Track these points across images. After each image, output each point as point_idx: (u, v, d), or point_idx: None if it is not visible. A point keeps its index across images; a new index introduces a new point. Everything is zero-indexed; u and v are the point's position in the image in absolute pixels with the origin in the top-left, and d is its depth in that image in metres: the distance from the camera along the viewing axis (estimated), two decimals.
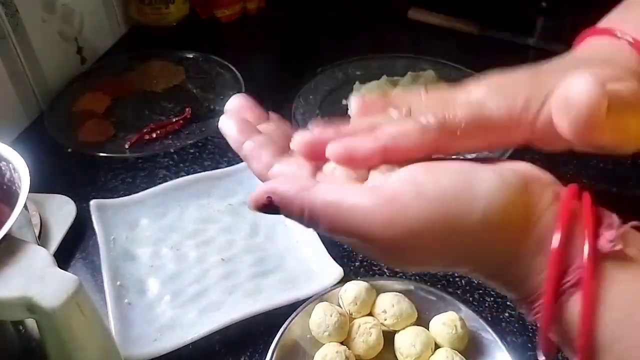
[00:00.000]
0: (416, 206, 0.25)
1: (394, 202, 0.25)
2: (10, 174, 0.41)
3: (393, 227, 0.25)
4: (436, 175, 0.26)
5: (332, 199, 0.26)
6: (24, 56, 0.77)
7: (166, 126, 0.77)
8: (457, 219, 0.25)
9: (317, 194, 0.27)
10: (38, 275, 0.35)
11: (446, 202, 0.25)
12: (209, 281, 0.56)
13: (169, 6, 0.97)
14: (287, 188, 0.27)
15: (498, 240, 0.26)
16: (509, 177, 0.26)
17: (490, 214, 0.25)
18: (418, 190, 0.26)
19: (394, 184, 0.27)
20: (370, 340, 0.48)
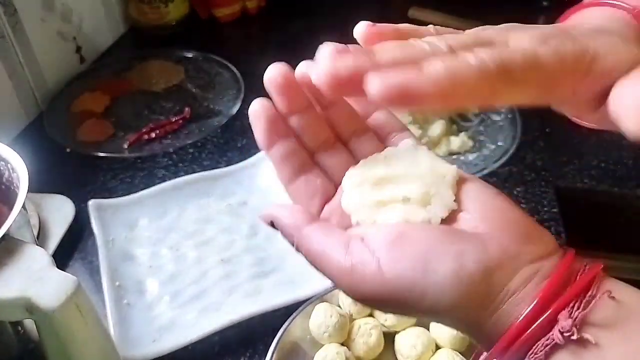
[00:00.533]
0: (372, 285, 0.27)
1: (356, 273, 0.27)
2: (9, 174, 0.41)
3: (354, 292, 0.28)
4: (396, 255, 0.27)
5: (314, 249, 0.28)
6: (23, 56, 0.77)
7: (165, 126, 0.77)
8: (406, 305, 0.27)
9: (305, 237, 0.29)
10: (37, 275, 0.35)
11: (398, 288, 0.26)
12: (208, 282, 0.56)
13: (168, 5, 0.97)
14: (286, 222, 0.29)
15: (450, 322, 0.28)
16: (469, 270, 0.26)
17: (437, 307, 0.26)
18: (377, 269, 0.27)
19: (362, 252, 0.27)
20: (371, 341, 0.48)
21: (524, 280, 0.26)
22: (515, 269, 0.26)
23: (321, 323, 0.48)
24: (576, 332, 0.24)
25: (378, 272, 0.26)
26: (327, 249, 0.28)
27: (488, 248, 0.27)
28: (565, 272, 0.26)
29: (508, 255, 0.26)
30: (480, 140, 0.71)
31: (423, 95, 0.24)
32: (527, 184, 0.67)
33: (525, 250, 0.27)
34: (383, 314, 0.49)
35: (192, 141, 0.75)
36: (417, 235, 0.27)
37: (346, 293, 0.28)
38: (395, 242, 0.27)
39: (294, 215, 0.30)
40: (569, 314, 0.25)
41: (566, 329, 0.24)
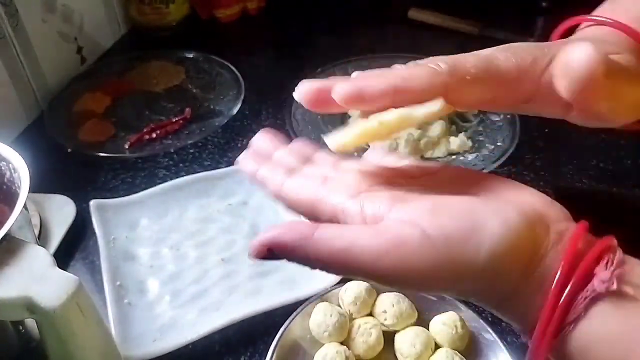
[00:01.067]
0: (422, 253, 0.26)
1: (400, 247, 0.26)
2: (10, 174, 0.41)
3: (401, 271, 0.26)
4: (440, 219, 0.26)
5: (339, 247, 0.26)
6: (24, 56, 0.77)
7: (166, 126, 0.77)
8: (461, 265, 0.26)
9: (320, 241, 0.26)
10: (38, 275, 0.35)
11: (450, 250, 0.26)
12: (209, 281, 0.56)
13: (169, 6, 0.97)
14: (289, 238, 0.27)
15: (500, 281, 0.27)
16: (513, 222, 0.26)
17: (493, 260, 0.26)
18: (422, 236, 0.26)
19: (398, 226, 0.26)
20: (371, 341, 0.48)
21: (559, 235, 0.27)
22: (549, 225, 0.27)
23: (321, 322, 0.48)
24: (615, 282, 0.25)
25: (425, 239, 0.26)
26: (353, 239, 0.26)
27: (521, 205, 0.28)
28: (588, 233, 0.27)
29: (539, 213, 0.28)
30: (480, 140, 0.71)
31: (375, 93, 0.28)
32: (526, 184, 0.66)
33: (551, 211, 0.28)
34: (383, 313, 0.49)
35: (193, 141, 0.75)
36: (453, 200, 0.28)
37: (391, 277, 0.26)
38: (434, 209, 0.27)
39: (295, 227, 0.27)
40: (606, 268, 0.25)
41: (606, 278, 0.25)
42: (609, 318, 0.25)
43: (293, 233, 0.27)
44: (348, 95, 0.28)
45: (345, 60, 0.85)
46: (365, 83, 0.29)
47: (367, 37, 0.97)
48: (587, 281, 0.25)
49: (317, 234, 0.27)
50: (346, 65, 0.84)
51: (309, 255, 0.26)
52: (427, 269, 0.26)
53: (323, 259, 0.26)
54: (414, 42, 0.98)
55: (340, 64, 0.85)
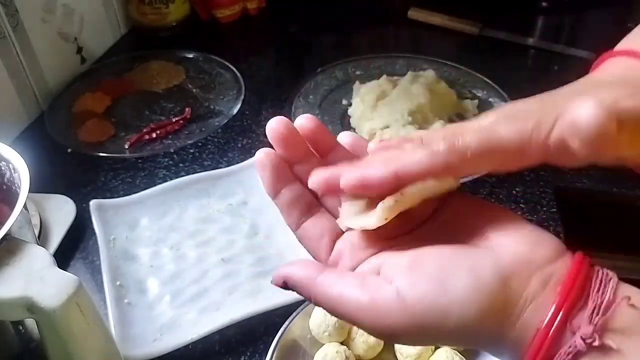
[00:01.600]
0: (395, 315, 0.27)
1: (377, 307, 0.27)
2: (10, 174, 0.41)
3: (377, 327, 0.28)
4: (413, 278, 0.27)
5: (331, 295, 0.29)
6: (24, 56, 0.77)
7: (166, 126, 0.77)
8: (431, 328, 0.27)
9: (320, 285, 0.29)
10: (38, 275, 0.35)
11: (420, 312, 0.26)
12: (209, 281, 0.56)
13: (169, 6, 0.97)
14: (298, 278, 0.30)
15: (475, 341, 0.28)
16: (485, 280, 0.26)
17: (463, 323, 0.26)
18: (397, 296, 0.27)
19: (379, 284, 0.28)
20: (370, 341, 0.48)
21: (541, 285, 0.26)
22: (530, 275, 0.27)
23: (321, 322, 0.48)
24: (598, 338, 0.24)
25: (398, 300, 0.27)
26: (344, 290, 0.28)
27: (501, 257, 0.27)
28: (579, 274, 0.26)
29: (521, 261, 0.27)
30: None
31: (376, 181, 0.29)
32: (526, 184, 0.67)
33: (537, 255, 0.27)
34: None
35: (193, 141, 0.75)
36: (429, 257, 0.28)
37: (370, 331, 0.28)
38: (410, 267, 0.28)
39: (305, 268, 0.30)
40: (589, 320, 0.25)
41: (588, 335, 0.24)
42: None
43: (302, 273, 0.30)
44: (353, 185, 0.29)
45: (345, 60, 0.85)
46: (368, 172, 0.29)
47: (367, 36, 0.97)
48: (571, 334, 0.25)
49: (319, 280, 0.29)
50: (346, 65, 0.84)
51: (310, 295, 0.30)
52: (399, 328, 0.27)
53: (319, 302, 0.29)
54: (414, 41, 0.98)
55: (340, 63, 0.85)
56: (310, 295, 0.30)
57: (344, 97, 0.80)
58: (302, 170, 0.33)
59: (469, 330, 0.26)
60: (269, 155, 0.32)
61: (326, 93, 0.81)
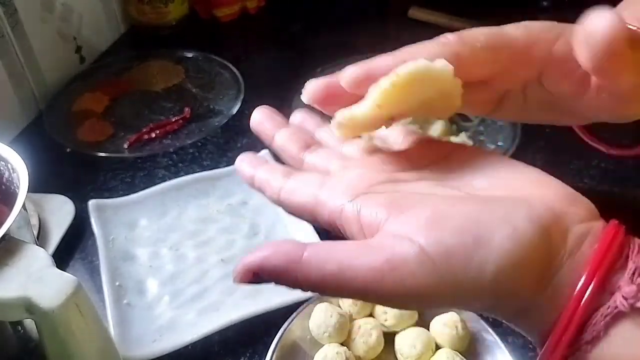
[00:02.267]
0: (421, 273, 0.23)
1: (397, 268, 0.23)
2: (9, 174, 0.41)
3: (400, 293, 0.24)
4: (439, 233, 0.24)
5: (330, 270, 0.24)
6: (23, 55, 0.77)
7: (165, 126, 0.77)
8: (465, 284, 0.24)
9: (310, 264, 0.24)
10: (37, 275, 0.35)
11: (452, 268, 0.23)
12: (209, 282, 0.56)
13: (169, 5, 0.97)
14: (274, 263, 0.25)
15: (510, 298, 0.25)
16: (523, 232, 0.24)
17: (500, 278, 0.24)
18: (420, 254, 0.24)
19: (394, 244, 0.24)
20: (371, 341, 0.48)
21: (577, 241, 0.24)
22: (567, 229, 0.25)
23: (321, 323, 0.48)
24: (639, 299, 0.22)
25: (424, 257, 0.23)
26: (345, 261, 0.24)
27: (535, 207, 0.25)
28: (616, 236, 0.24)
29: (556, 214, 0.25)
30: (481, 140, 0.71)
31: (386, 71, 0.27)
32: None
33: (571, 211, 0.25)
34: (382, 313, 0.49)
35: (192, 141, 0.75)
36: (455, 209, 0.25)
37: (390, 299, 0.24)
38: (433, 221, 0.24)
39: (280, 250, 0.25)
40: (631, 280, 0.23)
41: (631, 294, 0.22)
42: (633, 339, 0.23)
43: (280, 256, 0.25)
44: (357, 77, 0.27)
45: (345, 60, 0.85)
46: (373, 63, 0.28)
47: (367, 36, 0.97)
48: (609, 295, 0.23)
49: (307, 256, 0.24)
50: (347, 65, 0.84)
51: (299, 279, 0.25)
52: (427, 289, 0.24)
53: (314, 283, 0.25)
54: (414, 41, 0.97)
55: (340, 63, 0.84)
56: (296, 279, 0.25)
57: None
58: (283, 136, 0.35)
59: (506, 287, 0.24)
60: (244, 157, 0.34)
61: None
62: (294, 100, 0.78)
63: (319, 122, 0.36)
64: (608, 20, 0.25)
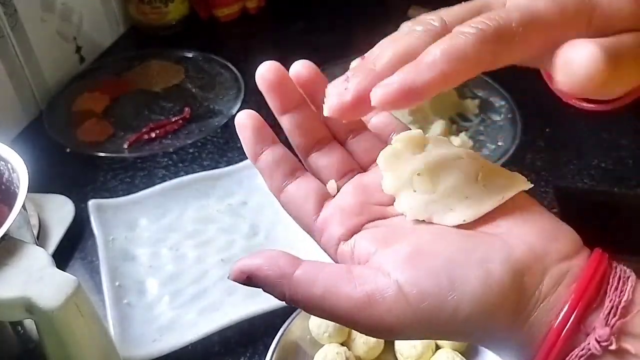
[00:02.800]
0: (397, 310, 0.24)
1: (374, 304, 0.24)
2: (9, 174, 0.41)
3: (376, 326, 0.25)
4: (416, 272, 0.25)
5: (315, 293, 0.25)
6: (23, 55, 0.77)
7: (165, 126, 0.77)
8: (438, 325, 0.24)
9: (299, 284, 0.25)
10: (37, 275, 0.35)
11: (426, 309, 0.24)
12: (209, 282, 0.56)
13: (169, 5, 0.97)
14: (268, 273, 0.26)
15: (483, 337, 0.26)
16: (498, 275, 0.24)
17: (472, 322, 0.24)
18: (397, 292, 0.24)
19: (376, 277, 0.25)
20: (371, 341, 0.48)
21: (555, 282, 0.24)
22: (544, 270, 0.25)
23: (321, 323, 0.48)
24: (614, 341, 0.23)
25: (400, 295, 0.24)
26: (330, 286, 0.25)
27: (513, 249, 0.25)
28: (595, 273, 0.24)
29: (535, 255, 0.25)
30: (481, 140, 0.71)
31: (426, 87, 0.24)
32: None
33: (552, 249, 0.25)
34: None
35: (192, 141, 0.75)
36: (434, 247, 0.26)
37: (367, 331, 0.25)
38: (412, 258, 0.25)
39: (275, 262, 0.26)
40: (606, 322, 0.23)
41: (604, 338, 0.23)
42: None
43: (274, 269, 0.26)
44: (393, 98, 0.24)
45: (345, 60, 0.85)
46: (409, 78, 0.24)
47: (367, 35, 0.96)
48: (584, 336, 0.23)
49: (297, 275, 0.25)
50: (346, 64, 0.84)
51: (286, 295, 0.26)
52: (403, 325, 0.24)
53: (300, 302, 0.25)
54: None
55: (340, 63, 0.84)
56: (284, 293, 0.25)
57: None
58: (293, 121, 0.31)
59: (478, 327, 0.25)
60: (250, 115, 0.31)
61: None
62: None
63: None
64: (588, 53, 0.24)
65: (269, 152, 0.30)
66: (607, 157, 0.71)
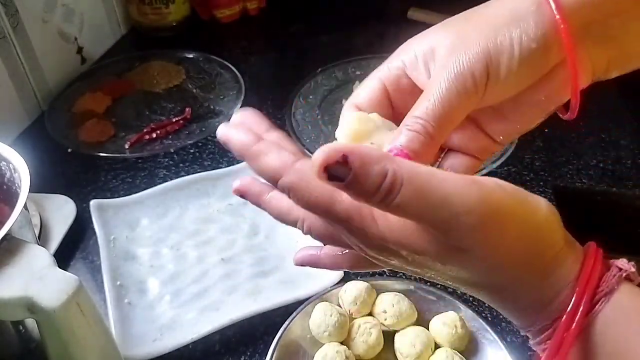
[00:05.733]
0: (499, 193, 0.26)
1: (482, 186, 0.25)
2: (11, 174, 0.41)
3: (485, 203, 0.25)
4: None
5: (423, 170, 0.24)
6: (24, 56, 0.77)
7: (166, 126, 0.77)
8: (527, 213, 0.27)
9: (404, 162, 0.24)
10: (38, 275, 0.35)
11: (520, 198, 0.27)
12: (209, 281, 0.56)
13: (169, 6, 0.97)
14: (368, 150, 0.23)
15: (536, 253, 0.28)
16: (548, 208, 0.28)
17: (548, 219, 0.28)
18: (496, 183, 0.26)
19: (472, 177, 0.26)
20: (370, 340, 0.48)
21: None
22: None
23: (321, 322, 0.48)
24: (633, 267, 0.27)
25: (498, 186, 0.26)
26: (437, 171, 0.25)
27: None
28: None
29: None
30: None
31: None
32: (526, 184, 0.67)
33: None
34: (382, 313, 0.49)
35: (193, 141, 0.75)
36: None
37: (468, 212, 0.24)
38: None
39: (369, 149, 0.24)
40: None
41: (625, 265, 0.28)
42: (636, 293, 0.27)
43: (370, 151, 0.23)
44: None
45: (345, 60, 0.85)
46: None
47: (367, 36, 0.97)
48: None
49: (398, 159, 0.24)
50: (346, 65, 0.85)
51: (388, 170, 0.23)
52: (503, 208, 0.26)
53: (402, 178, 0.23)
54: None
55: (340, 63, 0.85)
56: (385, 170, 0.23)
57: (344, 97, 0.80)
58: None
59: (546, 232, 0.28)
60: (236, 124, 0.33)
61: (326, 93, 0.81)
62: (294, 100, 0.78)
63: None
64: None
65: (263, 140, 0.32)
66: (605, 157, 0.71)
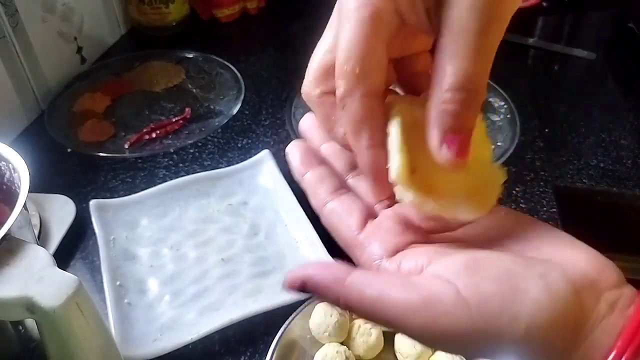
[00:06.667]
0: (454, 316, 0.24)
1: (432, 307, 0.24)
2: (10, 174, 0.41)
3: (431, 331, 0.24)
4: (476, 279, 0.25)
5: (368, 296, 0.25)
6: (24, 56, 0.77)
7: (166, 126, 0.77)
8: (496, 333, 0.24)
9: (352, 287, 0.26)
10: (38, 275, 0.35)
11: (486, 315, 0.24)
12: (209, 281, 0.56)
13: (169, 6, 0.97)
14: (322, 278, 0.26)
15: (540, 353, 0.25)
16: (559, 290, 0.24)
17: (533, 332, 0.24)
18: (456, 297, 0.24)
19: (432, 283, 0.25)
20: (370, 341, 0.48)
21: (610, 306, 0.25)
22: (600, 293, 0.25)
23: (321, 322, 0.48)
24: None
25: (459, 300, 0.24)
26: (385, 289, 0.25)
27: (569, 270, 0.25)
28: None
29: (589, 279, 0.25)
30: None
31: None
32: (526, 184, 0.67)
33: (603, 276, 0.25)
34: None
35: (193, 141, 0.75)
36: (491, 259, 0.26)
37: (420, 336, 0.25)
38: (471, 267, 0.25)
39: (329, 270, 0.27)
40: None
41: None
42: None
43: (327, 275, 0.26)
44: None
45: None
46: None
47: None
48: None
49: (349, 281, 0.26)
50: None
51: (339, 299, 0.26)
52: (458, 332, 0.24)
53: (352, 306, 0.26)
54: None
55: None
56: (338, 297, 0.26)
57: None
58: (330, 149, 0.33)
59: (538, 342, 0.24)
60: (298, 142, 0.33)
61: None
62: (294, 100, 0.78)
63: None
64: None
65: (314, 171, 0.32)
66: (605, 157, 0.71)
